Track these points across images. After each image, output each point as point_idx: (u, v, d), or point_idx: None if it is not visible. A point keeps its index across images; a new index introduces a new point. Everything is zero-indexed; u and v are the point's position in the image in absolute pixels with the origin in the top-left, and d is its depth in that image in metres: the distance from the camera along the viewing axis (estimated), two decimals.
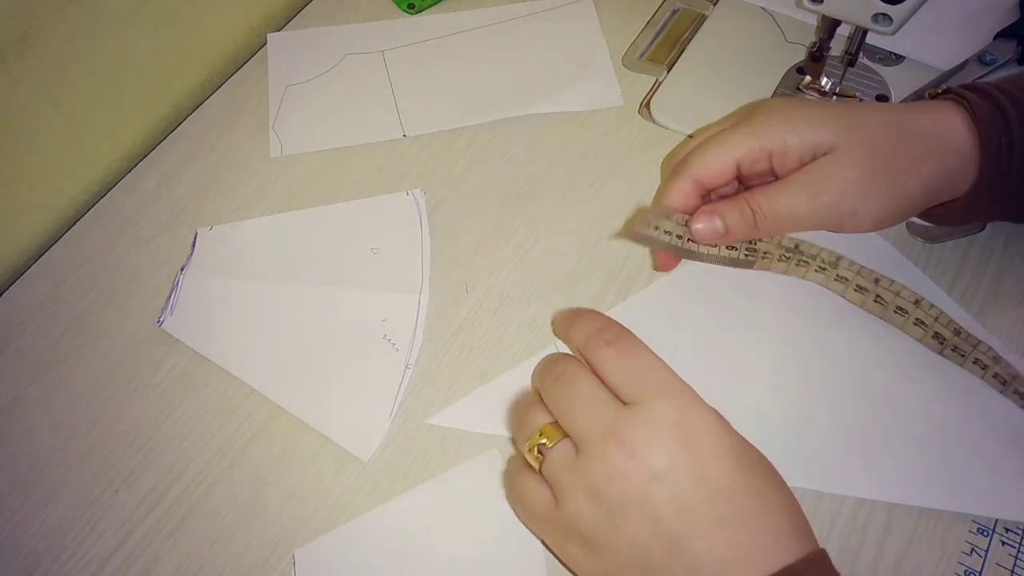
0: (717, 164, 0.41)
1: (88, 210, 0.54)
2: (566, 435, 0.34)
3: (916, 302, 0.43)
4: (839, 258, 0.44)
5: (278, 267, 0.50)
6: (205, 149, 0.56)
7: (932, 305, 0.43)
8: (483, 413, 0.44)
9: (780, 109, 0.41)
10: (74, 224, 0.53)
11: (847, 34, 0.51)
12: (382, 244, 0.50)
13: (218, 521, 0.42)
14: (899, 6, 0.44)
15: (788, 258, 0.45)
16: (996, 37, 0.54)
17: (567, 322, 0.39)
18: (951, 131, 0.40)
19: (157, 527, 0.42)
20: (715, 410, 0.34)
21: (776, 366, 0.44)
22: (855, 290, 0.44)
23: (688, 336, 0.45)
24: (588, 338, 0.36)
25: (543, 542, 0.37)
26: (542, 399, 0.36)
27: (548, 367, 0.37)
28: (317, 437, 0.44)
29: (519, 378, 0.45)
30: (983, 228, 0.48)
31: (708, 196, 0.43)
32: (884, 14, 0.45)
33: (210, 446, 0.44)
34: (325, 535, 0.41)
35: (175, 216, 0.53)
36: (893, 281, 0.43)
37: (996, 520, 0.39)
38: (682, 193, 0.42)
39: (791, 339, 0.44)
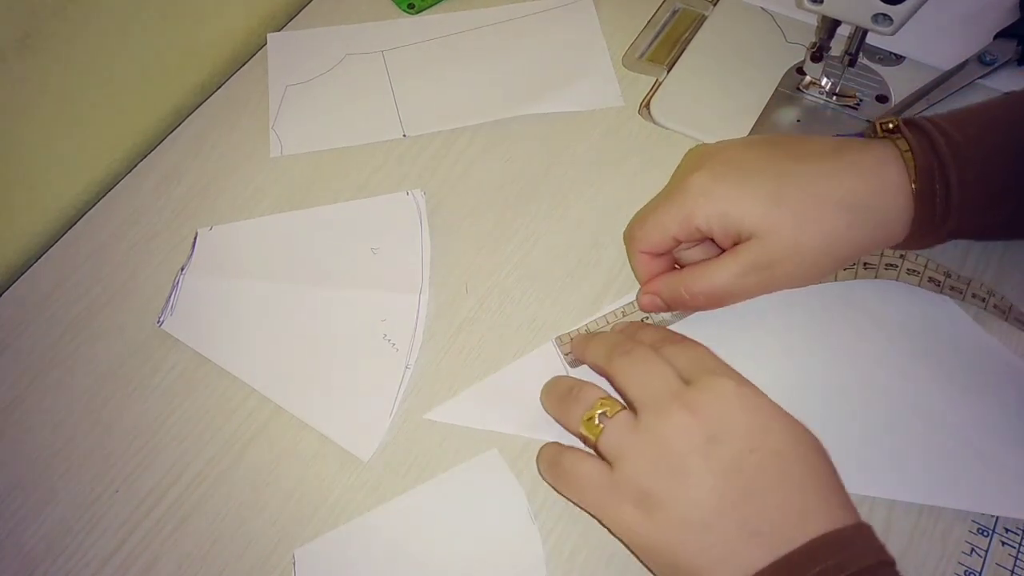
0: (656, 239, 0.43)
1: (88, 210, 0.54)
2: (622, 407, 0.36)
3: (902, 256, 0.44)
4: None
5: (278, 267, 0.50)
6: (205, 149, 0.56)
7: (918, 255, 0.44)
8: (482, 408, 0.44)
9: (707, 184, 0.41)
10: (74, 224, 0.53)
11: (847, 34, 0.51)
12: (382, 244, 0.50)
13: (218, 521, 0.42)
14: (899, 6, 0.44)
15: None
16: (996, 37, 0.54)
17: (628, 331, 0.42)
18: (888, 188, 0.40)
19: (157, 527, 0.42)
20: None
21: (775, 365, 0.44)
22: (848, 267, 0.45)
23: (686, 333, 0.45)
24: (654, 341, 0.39)
25: (594, 516, 0.37)
26: (606, 374, 0.39)
27: (616, 346, 0.39)
28: (317, 437, 0.44)
29: (517, 373, 0.45)
30: None
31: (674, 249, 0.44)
32: (884, 14, 0.45)
33: (210, 446, 0.44)
34: (325, 535, 0.41)
35: (175, 216, 0.53)
36: None
37: (996, 520, 0.39)
38: (643, 267, 0.44)
39: (790, 338, 0.45)
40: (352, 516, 0.41)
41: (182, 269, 0.49)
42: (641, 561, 0.36)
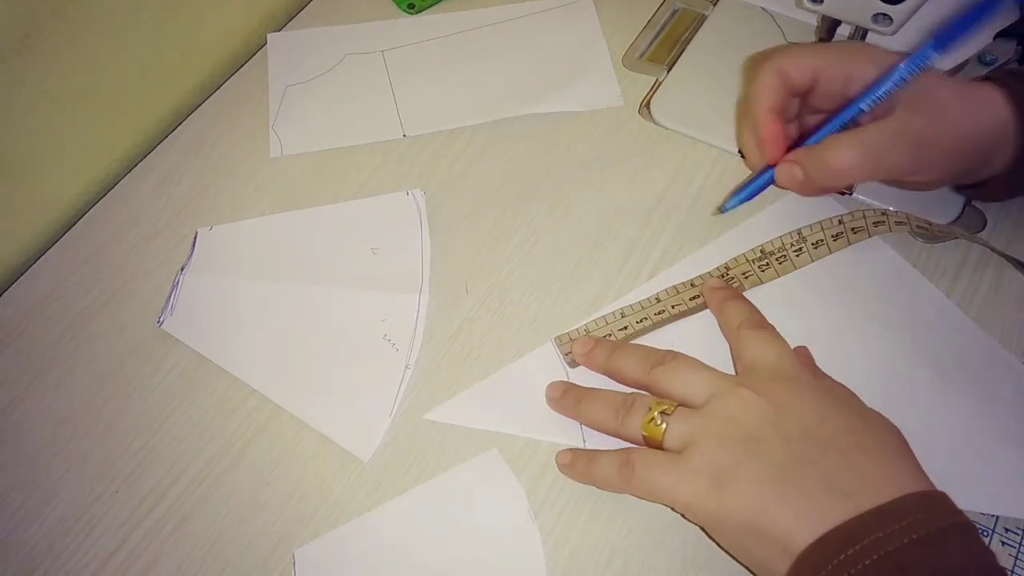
0: (803, 63, 0.42)
1: (88, 210, 0.54)
2: (678, 405, 0.37)
3: (884, 213, 0.46)
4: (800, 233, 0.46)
5: (278, 267, 0.50)
6: (205, 149, 0.56)
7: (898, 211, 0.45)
8: (482, 409, 0.44)
9: (869, 49, 0.42)
10: (74, 224, 0.53)
11: (847, 34, 0.51)
12: (382, 244, 0.50)
13: (218, 521, 0.42)
14: (899, 6, 0.44)
15: (765, 267, 0.46)
16: (996, 37, 0.54)
17: (721, 303, 0.43)
18: (996, 108, 0.41)
19: (157, 527, 0.42)
20: None
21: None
22: (834, 239, 0.46)
23: (685, 329, 0.45)
24: (740, 323, 0.40)
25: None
26: (645, 386, 0.40)
27: (648, 355, 0.40)
28: (317, 437, 0.44)
29: (517, 374, 0.45)
30: (983, 228, 0.48)
31: (783, 110, 0.44)
32: (884, 14, 0.45)
33: (210, 446, 0.44)
34: (325, 535, 0.41)
35: (175, 216, 0.53)
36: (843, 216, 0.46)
37: (996, 520, 0.39)
38: (768, 86, 0.43)
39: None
40: (352, 516, 0.41)
41: (182, 269, 0.49)
42: (717, 543, 0.36)
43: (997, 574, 0.31)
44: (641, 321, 0.45)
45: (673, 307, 0.45)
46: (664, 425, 0.36)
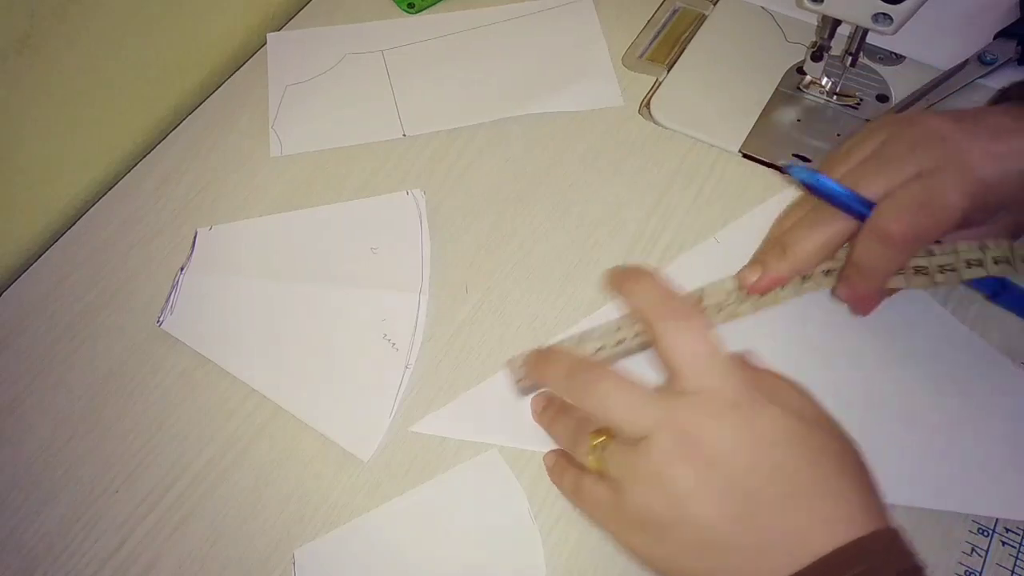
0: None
1: (88, 210, 0.54)
2: (615, 434, 0.35)
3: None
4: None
5: (278, 267, 0.50)
6: (205, 149, 0.56)
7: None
8: (468, 420, 0.44)
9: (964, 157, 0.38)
10: (74, 224, 0.53)
11: (847, 34, 0.51)
12: (382, 244, 0.50)
13: (218, 521, 0.42)
14: (899, 6, 0.44)
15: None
16: (996, 37, 0.54)
17: (634, 287, 0.37)
18: None
19: (157, 527, 0.42)
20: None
21: (776, 368, 0.44)
22: (824, 273, 0.41)
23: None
24: (655, 307, 0.35)
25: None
26: (584, 409, 0.37)
27: (572, 377, 0.36)
28: (317, 437, 0.44)
29: (502, 384, 0.44)
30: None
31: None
32: (884, 14, 0.45)
33: (210, 446, 0.44)
34: (325, 535, 0.41)
35: (175, 216, 0.53)
36: None
37: (996, 520, 0.39)
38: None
39: (790, 342, 0.44)
40: (352, 516, 0.41)
41: (182, 269, 0.49)
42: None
43: None
44: (619, 343, 0.41)
45: (719, 307, 0.41)
46: (601, 457, 0.35)
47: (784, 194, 0.50)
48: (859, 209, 0.38)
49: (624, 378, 0.34)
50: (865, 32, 0.49)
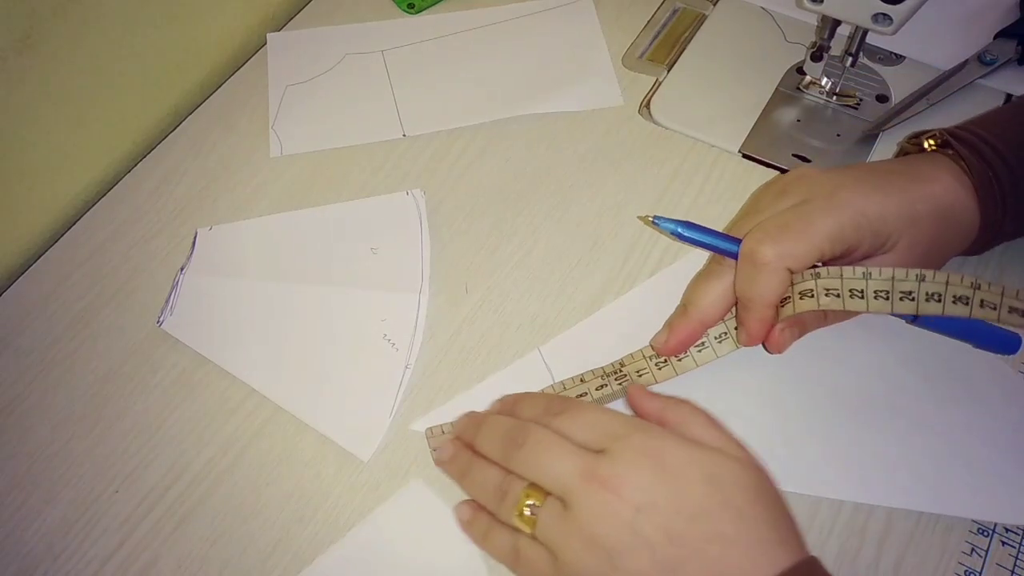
0: (805, 258, 0.39)
1: (88, 210, 0.54)
2: (548, 493, 0.35)
3: (920, 278, 0.40)
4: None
5: (278, 267, 0.50)
6: (205, 149, 0.56)
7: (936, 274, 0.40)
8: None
9: (851, 195, 0.39)
10: (74, 224, 0.53)
11: (847, 34, 0.51)
12: (382, 244, 0.50)
13: (218, 521, 0.42)
14: (899, 6, 0.44)
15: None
16: (996, 37, 0.54)
17: (507, 407, 0.40)
18: (958, 200, 0.40)
19: (157, 527, 0.42)
20: (677, 436, 0.35)
21: (775, 372, 0.44)
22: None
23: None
24: (539, 415, 0.38)
25: None
26: (509, 468, 0.37)
27: (507, 435, 0.37)
28: (317, 437, 0.44)
29: (501, 384, 0.44)
30: None
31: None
32: (884, 14, 0.45)
33: (210, 446, 0.44)
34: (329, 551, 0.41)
35: (175, 216, 0.53)
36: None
37: (996, 521, 0.39)
38: (773, 290, 0.39)
39: (793, 348, 0.44)
40: (352, 516, 0.41)
41: (182, 269, 0.49)
42: None
43: None
44: (601, 388, 0.42)
45: (639, 373, 0.42)
46: (535, 519, 0.35)
47: None
48: (728, 247, 0.40)
49: (554, 436, 0.36)
50: (865, 32, 0.49)
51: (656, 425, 0.36)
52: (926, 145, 0.43)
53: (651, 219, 0.42)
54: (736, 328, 0.42)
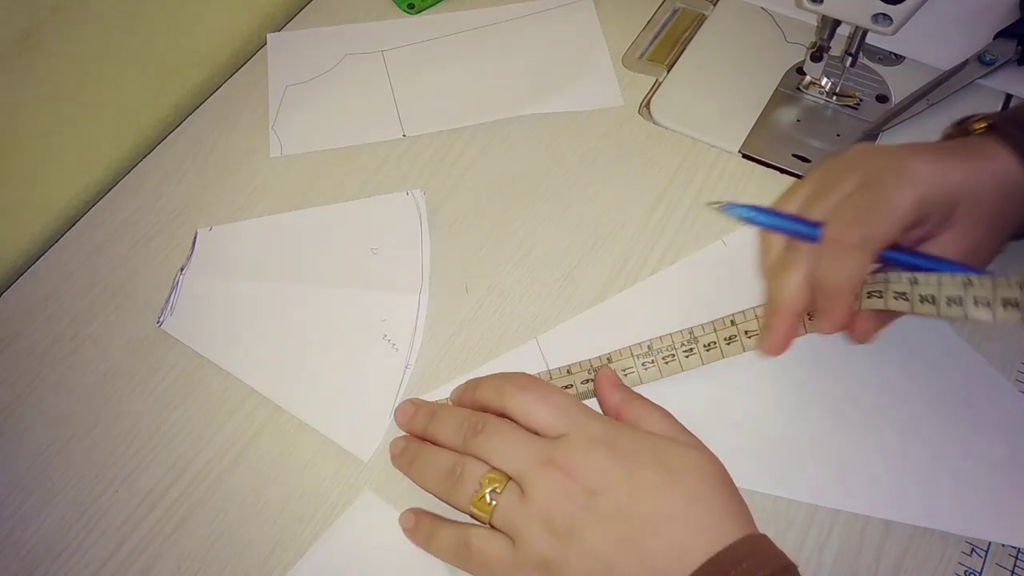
0: (892, 234, 0.38)
1: (88, 210, 0.54)
2: (509, 477, 0.36)
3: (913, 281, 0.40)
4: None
5: (278, 267, 0.50)
6: (205, 149, 0.56)
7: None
8: None
9: (924, 164, 0.39)
10: (74, 224, 0.53)
11: (847, 34, 0.51)
12: (382, 244, 0.50)
13: (218, 521, 0.42)
14: (899, 6, 0.44)
15: None
16: (996, 37, 0.54)
17: (471, 387, 0.41)
18: (1018, 178, 0.40)
19: (157, 527, 0.42)
20: (632, 428, 0.38)
21: (771, 378, 0.44)
22: (727, 342, 0.43)
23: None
24: (502, 388, 0.39)
25: None
26: (467, 453, 0.38)
27: (464, 422, 0.39)
28: (317, 437, 0.44)
29: (500, 370, 0.44)
30: None
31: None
32: (884, 14, 0.45)
33: (210, 446, 0.44)
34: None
35: (175, 216, 0.53)
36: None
37: None
38: (798, 297, 0.39)
39: (787, 352, 0.44)
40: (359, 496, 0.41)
41: (182, 269, 0.49)
42: None
43: None
44: (586, 382, 0.43)
45: (624, 372, 0.43)
46: (494, 503, 0.36)
47: None
48: (808, 232, 0.39)
49: (511, 424, 0.38)
50: (865, 32, 0.49)
51: (612, 420, 0.38)
52: (975, 127, 0.42)
53: (719, 206, 0.41)
54: (729, 340, 0.42)
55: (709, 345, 0.43)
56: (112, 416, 0.45)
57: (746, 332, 0.43)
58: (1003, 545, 0.39)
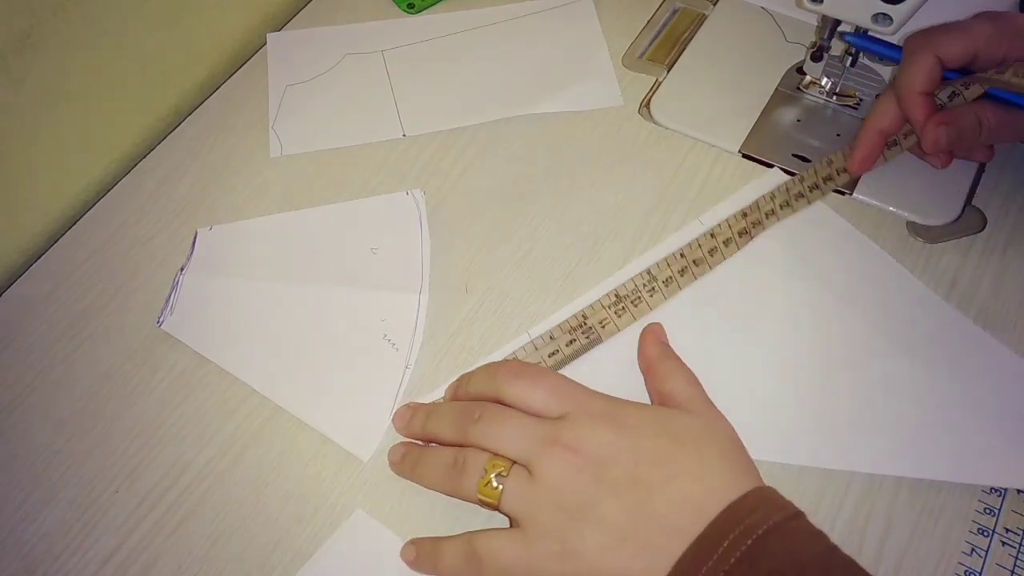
0: (960, 50, 0.44)
1: (88, 210, 0.54)
2: (513, 462, 0.36)
3: (771, 196, 0.48)
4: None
5: (278, 267, 0.50)
6: (205, 149, 0.56)
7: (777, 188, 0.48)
8: None
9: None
10: (74, 224, 0.53)
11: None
12: (382, 244, 0.50)
13: (218, 521, 0.42)
14: (899, 6, 0.44)
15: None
16: None
17: (464, 381, 0.42)
18: None
19: (157, 527, 0.42)
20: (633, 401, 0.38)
21: (779, 341, 0.44)
22: (680, 273, 0.46)
23: (690, 309, 0.46)
24: (495, 378, 0.39)
25: None
26: (468, 443, 0.38)
27: (462, 413, 0.39)
28: (317, 437, 0.44)
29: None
30: (983, 228, 0.48)
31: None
32: (884, 14, 0.45)
33: (210, 446, 0.44)
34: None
35: (175, 216, 0.53)
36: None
37: (996, 520, 0.39)
38: (924, 70, 0.45)
39: (793, 315, 0.45)
40: (352, 516, 0.41)
41: (182, 269, 0.49)
42: None
43: (837, 551, 0.33)
44: (571, 343, 0.44)
45: (602, 324, 0.45)
46: (500, 487, 0.36)
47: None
48: (895, 54, 0.47)
49: (509, 409, 0.38)
50: (865, 32, 0.49)
51: (609, 395, 0.38)
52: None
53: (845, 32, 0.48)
54: (682, 272, 0.45)
55: (667, 280, 0.45)
56: (112, 416, 0.45)
57: (694, 262, 0.46)
58: (1003, 544, 0.39)
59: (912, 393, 0.42)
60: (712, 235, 0.47)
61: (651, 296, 0.45)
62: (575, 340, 0.44)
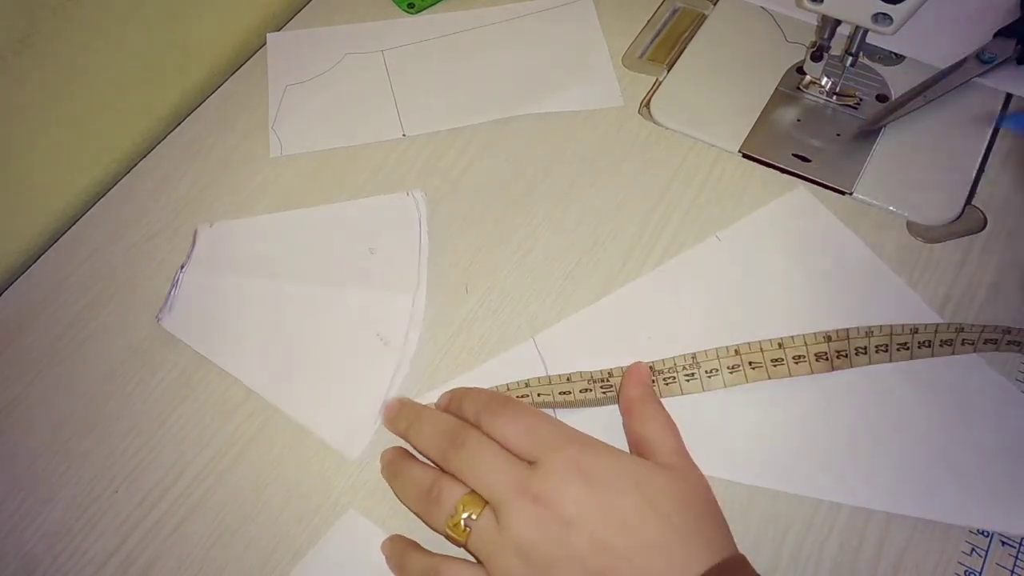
0: None
1: (88, 210, 0.54)
2: (485, 503, 0.36)
3: (868, 333, 0.43)
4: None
5: (277, 266, 0.50)
6: (205, 149, 0.56)
7: (880, 327, 0.43)
8: None
9: None
10: (74, 224, 0.53)
11: (847, 34, 0.51)
12: (381, 244, 0.50)
13: (218, 521, 0.42)
14: (899, 6, 0.44)
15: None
16: (996, 35, 0.54)
17: (458, 397, 0.42)
18: None
19: (157, 527, 0.42)
20: (609, 446, 0.37)
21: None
22: (730, 371, 0.42)
23: (687, 325, 0.45)
24: (479, 412, 0.39)
25: None
26: (442, 467, 0.38)
27: (445, 434, 0.39)
28: (317, 437, 0.44)
29: (494, 372, 0.45)
30: (983, 228, 0.48)
31: None
32: (884, 14, 0.45)
33: (210, 446, 0.44)
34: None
35: (175, 216, 0.53)
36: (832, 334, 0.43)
37: None
38: None
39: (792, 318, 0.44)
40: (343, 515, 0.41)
41: (182, 266, 0.49)
42: None
43: None
44: (585, 391, 0.43)
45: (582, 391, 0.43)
46: (468, 530, 0.36)
47: (786, 197, 0.50)
48: None
49: (491, 443, 0.37)
50: (865, 32, 0.49)
51: (585, 435, 0.38)
52: None
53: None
54: (732, 367, 0.42)
55: (711, 372, 0.42)
56: (112, 416, 0.45)
57: (750, 363, 0.42)
58: (1003, 544, 0.39)
59: (916, 427, 0.41)
60: (780, 345, 0.42)
61: (687, 382, 0.42)
62: (590, 390, 0.43)
